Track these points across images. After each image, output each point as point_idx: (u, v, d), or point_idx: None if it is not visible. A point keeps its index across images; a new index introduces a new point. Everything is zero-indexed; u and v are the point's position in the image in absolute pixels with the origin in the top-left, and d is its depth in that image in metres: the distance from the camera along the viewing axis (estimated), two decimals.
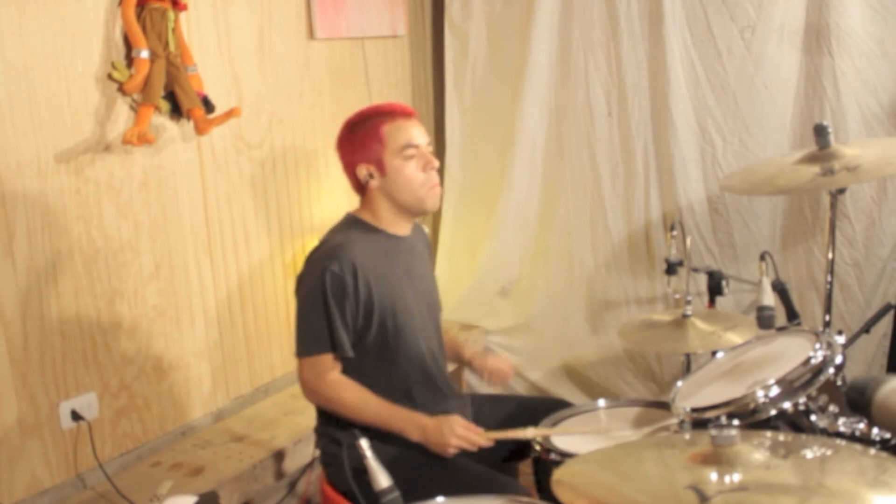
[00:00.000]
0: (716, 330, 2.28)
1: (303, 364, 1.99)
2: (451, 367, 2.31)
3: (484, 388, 3.62)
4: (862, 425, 1.59)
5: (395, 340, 2.02)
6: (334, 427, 2.04)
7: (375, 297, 1.97)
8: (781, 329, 2.18)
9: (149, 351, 2.60)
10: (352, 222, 2.08)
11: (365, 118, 2.06)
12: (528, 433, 1.93)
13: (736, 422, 1.66)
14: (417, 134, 2.04)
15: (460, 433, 1.92)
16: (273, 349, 3.05)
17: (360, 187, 2.08)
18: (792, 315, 2.57)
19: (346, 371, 2.01)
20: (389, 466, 1.54)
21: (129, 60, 2.41)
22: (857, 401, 1.51)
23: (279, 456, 2.60)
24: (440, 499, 1.56)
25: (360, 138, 2.03)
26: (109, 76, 2.40)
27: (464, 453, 2.07)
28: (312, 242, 3.15)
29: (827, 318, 2.52)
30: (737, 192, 2.87)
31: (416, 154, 2.02)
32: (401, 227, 2.09)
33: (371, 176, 2.03)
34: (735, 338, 2.19)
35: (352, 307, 1.95)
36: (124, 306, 2.52)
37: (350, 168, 2.07)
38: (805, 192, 2.99)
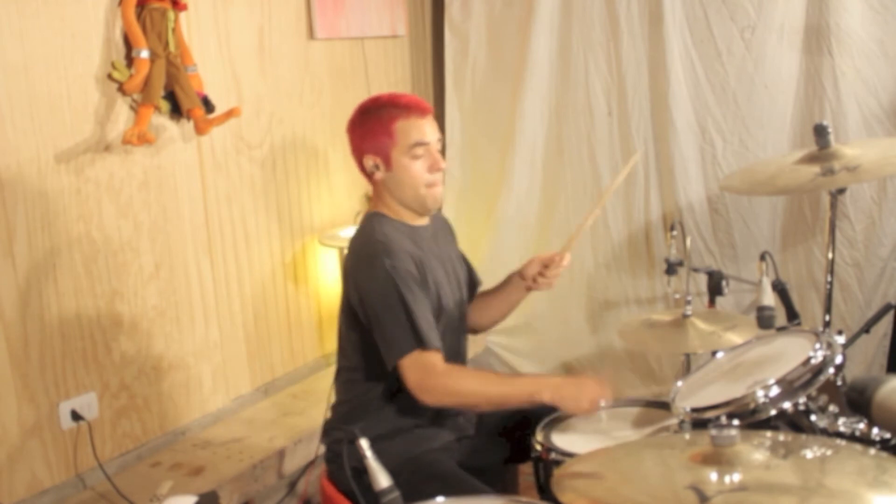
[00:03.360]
0: (716, 330, 2.27)
1: (404, 365, 1.86)
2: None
3: None
4: (862, 425, 1.58)
5: (441, 323, 1.98)
6: (341, 424, 2.04)
7: (430, 285, 1.95)
8: (781, 329, 2.18)
9: (149, 351, 2.60)
10: (376, 219, 2.02)
11: (379, 107, 1.99)
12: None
13: (736, 422, 1.66)
14: (429, 131, 1.98)
15: (596, 393, 1.85)
16: (273, 349, 3.05)
17: (367, 175, 2.06)
18: (792, 315, 2.57)
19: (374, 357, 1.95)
20: (391, 470, 1.54)
21: (129, 60, 2.41)
22: (857, 401, 1.51)
23: (279, 456, 2.60)
24: (440, 499, 1.56)
25: (371, 128, 1.98)
26: (109, 76, 2.40)
27: (466, 455, 2.07)
28: (312, 242, 3.17)
29: (827, 318, 2.52)
30: (737, 192, 2.87)
31: (425, 153, 1.99)
32: (417, 219, 2.07)
33: (377, 167, 2.00)
34: (735, 338, 2.19)
35: (427, 290, 1.91)
36: (124, 306, 2.51)
37: (358, 154, 2.03)
38: (805, 193, 2.99)
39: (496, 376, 1.94)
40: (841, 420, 1.61)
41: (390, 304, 1.86)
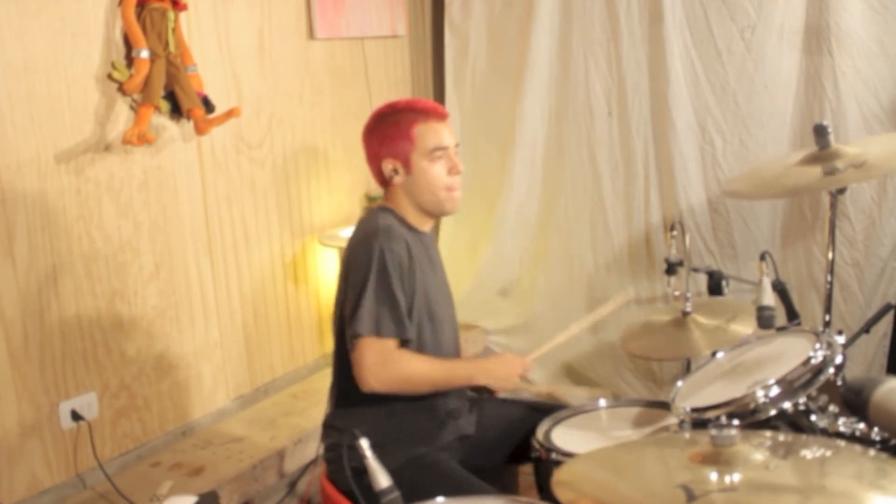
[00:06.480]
0: (719, 324, 2.26)
1: (366, 343, 1.87)
2: None
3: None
4: (862, 425, 1.59)
5: (427, 329, 1.99)
6: (339, 424, 2.04)
7: (417, 283, 1.95)
8: (781, 329, 2.18)
9: (149, 351, 2.60)
10: (385, 211, 2.03)
11: (397, 112, 2.00)
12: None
13: (736, 422, 1.66)
14: (447, 135, 2.00)
15: (518, 370, 2.06)
16: (273, 349, 3.05)
17: (383, 180, 2.05)
18: (792, 315, 2.56)
19: None
20: (393, 470, 1.54)
21: (129, 60, 2.41)
22: (854, 402, 1.51)
23: (279, 456, 2.60)
24: (440, 499, 1.56)
25: (390, 132, 1.99)
26: (109, 76, 2.40)
27: (466, 455, 2.07)
28: (312, 242, 3.17)
29: (827, 318, 2.52)
30: (741, 197, 2.86)
31: (444, 156, 2.00)
32: (424, 224, 2.07)
33: (396, 172, 1.99)
34: (737, 327, 2.18)
35: (409, 286, 1.92)
36: (124, 306, 2.52)
37: (375, 160, 2.02)
38: (813, 192, 2.98)
39: (439, 362, 1.95)
40: (841, 420, 1.61)
41: (373, 282, 1.87)
